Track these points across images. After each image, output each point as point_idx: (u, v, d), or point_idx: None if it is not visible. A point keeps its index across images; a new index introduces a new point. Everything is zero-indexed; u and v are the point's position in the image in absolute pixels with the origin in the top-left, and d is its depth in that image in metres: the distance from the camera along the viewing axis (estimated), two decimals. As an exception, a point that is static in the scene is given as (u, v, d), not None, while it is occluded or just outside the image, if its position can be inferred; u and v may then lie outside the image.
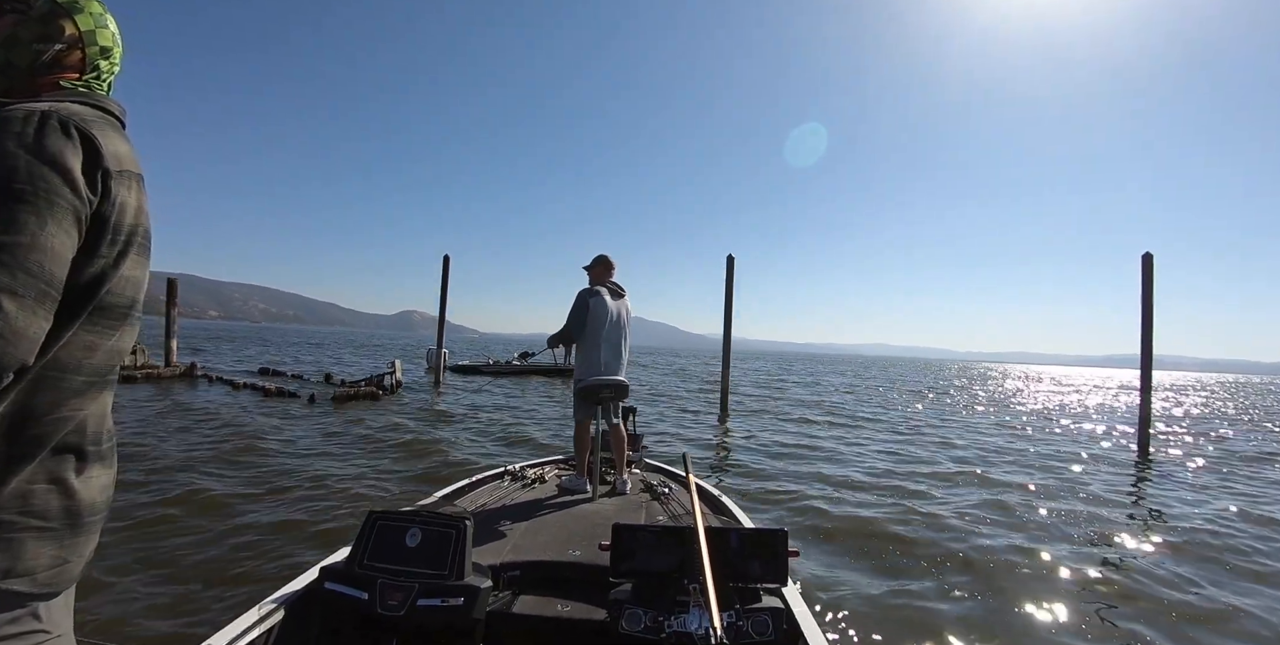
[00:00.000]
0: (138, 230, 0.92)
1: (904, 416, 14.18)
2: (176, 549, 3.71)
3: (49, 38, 0.93)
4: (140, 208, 0.92)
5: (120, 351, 0.94)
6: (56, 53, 0.94)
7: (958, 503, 5.72)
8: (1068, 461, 8.51)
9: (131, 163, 0.91)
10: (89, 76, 0.99)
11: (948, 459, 8.31)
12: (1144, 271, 10.55)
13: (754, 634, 1.74)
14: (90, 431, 0.90)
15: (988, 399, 22.11)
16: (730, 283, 13.36)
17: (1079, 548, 4.54)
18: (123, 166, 0.88)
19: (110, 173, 0.85)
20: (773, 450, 8.50)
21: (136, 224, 0.91)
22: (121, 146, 0.90)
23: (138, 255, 0.93)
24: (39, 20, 0.92)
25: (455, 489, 3.41)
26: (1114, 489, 6.80)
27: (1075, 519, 5.34)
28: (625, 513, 3.17)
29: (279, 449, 6.97)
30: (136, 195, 0.91)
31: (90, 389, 0.89)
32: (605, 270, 3.98)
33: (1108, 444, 10.84)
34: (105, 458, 0.94)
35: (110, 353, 0.91)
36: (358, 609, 1.82)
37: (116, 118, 0.96)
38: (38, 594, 0.84)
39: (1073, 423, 14.64)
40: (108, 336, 0.90)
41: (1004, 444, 10.11)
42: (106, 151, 0.85)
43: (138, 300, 0.95)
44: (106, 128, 0.89)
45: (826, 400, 18.03)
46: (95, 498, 0.91)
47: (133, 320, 0.95)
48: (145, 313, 1.00)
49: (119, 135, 0.91)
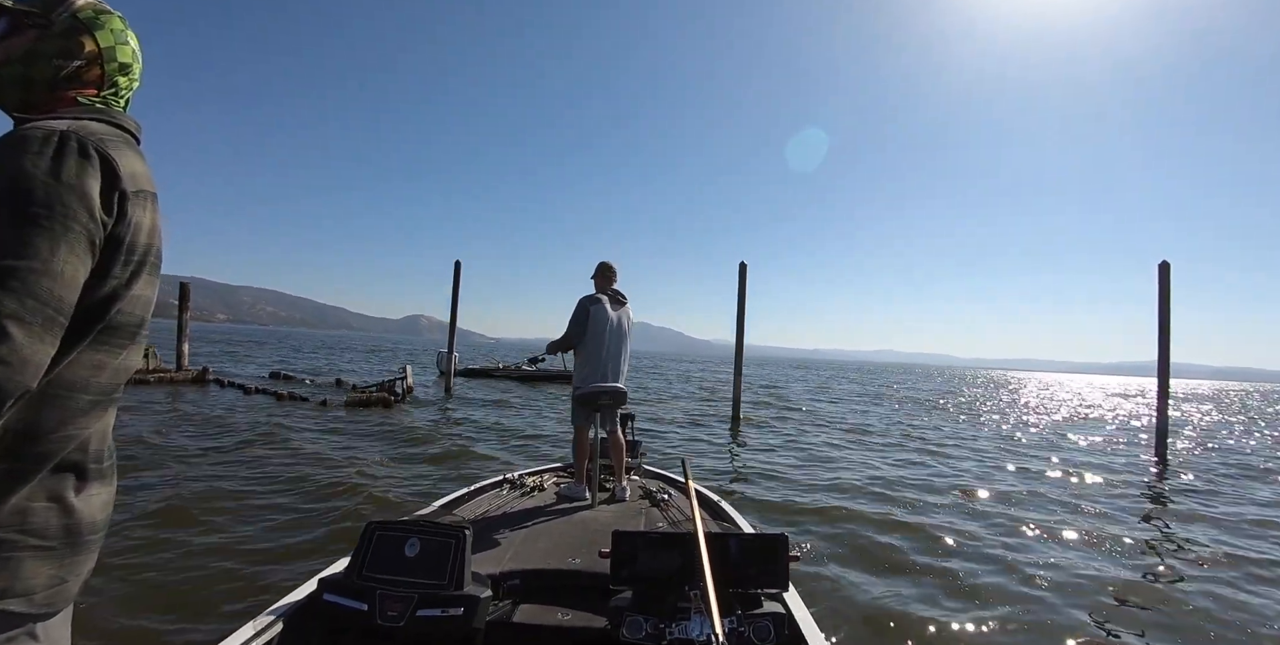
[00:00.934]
0: (150, 250, 0.92)
1: (934, 426, 14.05)
2: (178, 560, 3.66)
3: (69, 53, 0.94)
4: (154, 227, 0.93)
5: (127, 369, 0.94)
6: (75, 68, 0.95)
7: (980, 512, 5.63)
8: (1097, 470, 8.39)
9: (147, 182, 0.91)
10: (107, 92, 1.00)
11: (980, 468, 8.20)
12: (1160, 280, 10.52)
13: (756, 640, 1.73)
14: (92, 449, 0.90)
15: (1016, 407, 21.91)
16: (742, 290, 13.30)
17: (1102, 558, 4.44)
18: (139, 187, 0.88)
19: (127, 194, 0.85)
20: (789, 460, 8.42)
21: (150, 244, 0.92)
22: (138, 166, 0.90)
23: (149, 275, 0.93)
24: (60, 36, 0.93)
25: (454, 498, 3.39)
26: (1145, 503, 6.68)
27: (1099, 534, 5.23)
28: (624, 519, 3.16)
29: (297, 454, 6.95)
30: (151, 215, 0.91)
31: (95, 408, 0.89)
32: (604, 278, 4.05)
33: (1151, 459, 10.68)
34: (106, 475, 0.93)
35: (117, 371, 0.91)
36: (357, 620, 1.80)
37: (133, 135, 0.96)
38: (35, 614, 0.83)
39: (1116, 434, 14.45)
40: (115, 355, 0.90)
41: (1029, 453, 10.00)
42: (124, 172, 0.84)
43: (146, 319, 0.96)
44: (124, 147, 0.88)
45: (844, 408, 17.92)
46: (95, 516, 0.90)
47: (140, 338, 0.95)
48: (156, 316, 1.02)
49: (135, 154, 0.91)
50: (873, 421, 14.44)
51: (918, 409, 19.18)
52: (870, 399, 23.04)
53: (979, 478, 7.67)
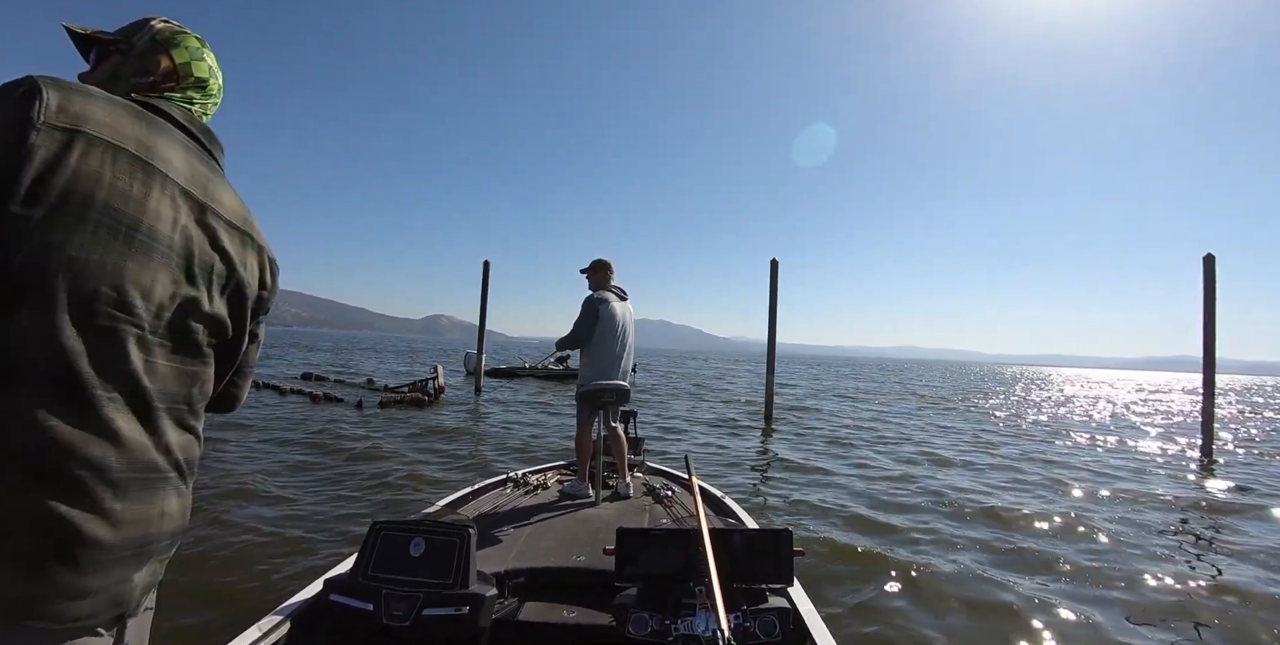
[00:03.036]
0: (90, 201, 0.81)
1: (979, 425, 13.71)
2: (216, 550, 3.63)
3: (146, 72, 0.98)
4: (112, 185, 0.81)
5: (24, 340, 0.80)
6: (150, 82, 0.98)
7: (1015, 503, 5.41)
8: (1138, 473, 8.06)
9: (135, 145, 0.83)
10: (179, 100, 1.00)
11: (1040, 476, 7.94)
12: (1206, 273, 10.49)
13: (761, 635, 1.74)
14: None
15: (1053, 405, 21.38)
16: (774, 287, 13.09)
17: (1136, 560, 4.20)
18: (87, 130, 0.77)
19: (33, 124, 0.73)
20: (821, 460, 8.24)
21: (90, 195, 0.80)
22: (128, 128, 0.83)
23: (82, 228, 0.79)
24: (139, 57, 0.98)
25: (458, 497, 3.41)
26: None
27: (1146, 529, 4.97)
28: (628, 516, 3.16)
29: (344, 454, 6.98)
30: (111, 169, 0.80)
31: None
32: (606, 275, 4.03)
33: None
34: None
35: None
36: (363, 620, 1.82)
37: (174, 121, 0.93)
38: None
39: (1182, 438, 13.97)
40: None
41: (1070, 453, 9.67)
42: (51, 105, 0.74)
43: (53, 270, 0.78)
44: (120, 110, 0.83)
45: (874, 409, 17.59)
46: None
47: (42, 297, 0.79)
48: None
49: (144, 126, 0.85)
50: (945, 441, 14.04)
51: (981, 418, 18.73)
52: (888, 391, 22.61)
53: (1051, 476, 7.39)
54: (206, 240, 0.91)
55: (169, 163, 0.87)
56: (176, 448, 0.87)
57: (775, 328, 13.15)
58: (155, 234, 0.84)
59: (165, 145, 0.88)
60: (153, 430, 0.83)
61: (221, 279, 0.94)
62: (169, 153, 0.88)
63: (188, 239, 0.88)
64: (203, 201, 0.92)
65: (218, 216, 0.94)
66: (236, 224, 0.98)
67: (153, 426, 0.83)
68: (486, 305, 15.52)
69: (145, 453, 0.82)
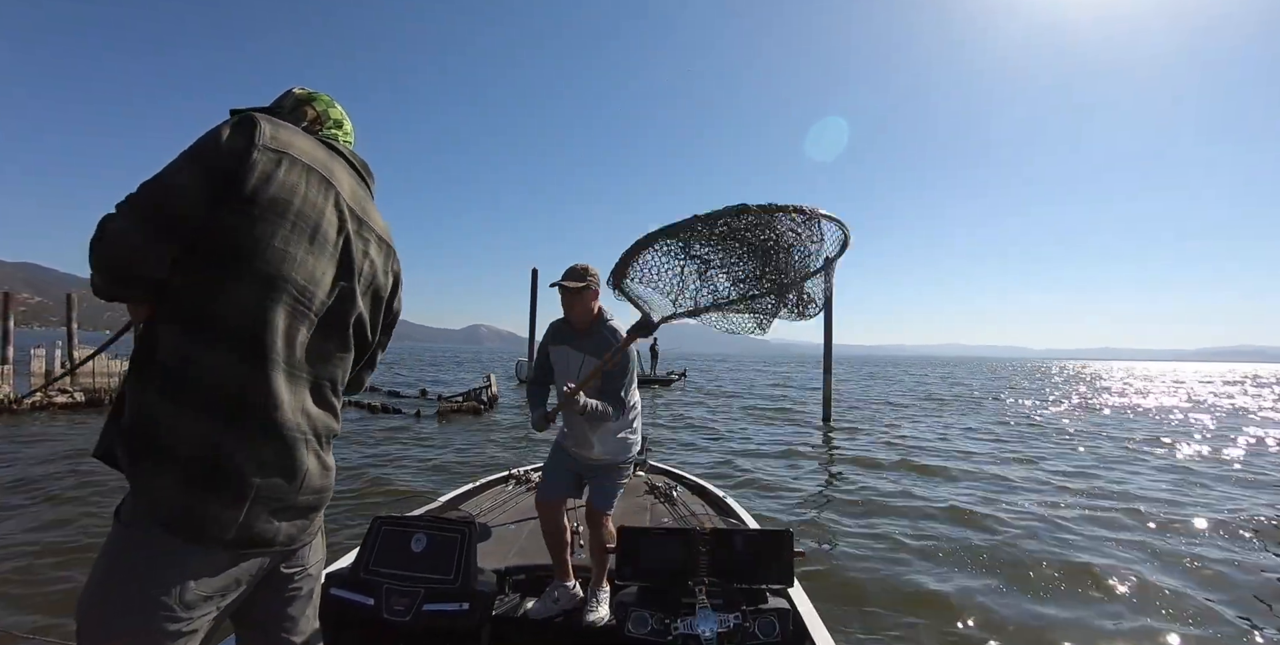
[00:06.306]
0: (289, 209, 1.04)
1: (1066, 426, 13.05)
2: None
3: (298, 119, 1.21)
4: (308, 197, 1.06)
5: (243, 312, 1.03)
6: (305, 128, 1.18)
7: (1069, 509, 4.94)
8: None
9: (320, 166, 1.08)
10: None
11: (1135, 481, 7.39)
12: None
13: (760, 635, 1.74)
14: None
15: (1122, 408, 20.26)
16: (829, 288, 12.71)
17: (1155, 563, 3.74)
18: (291, 153, 1.03)
19: (255, 146, 0.98)
20: (878, 456, 7.89)
21: (289, 204, 1.04)
22: (310, 149, 1.08)
23: (285, 229, 1.04)
24: (289, 111, 1.21)
25: (460, 493, 3.41)
26: None
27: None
28: (630, 515, 3.12)
29: (416, 466, 7.00)
30: (306, 186, 1.04)
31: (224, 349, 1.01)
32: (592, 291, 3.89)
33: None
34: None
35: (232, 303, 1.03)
36: (364, 615, 1.82)
37: (338, 153, 1.17)
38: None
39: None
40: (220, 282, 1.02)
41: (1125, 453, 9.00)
42: (267, 133, 1.00)
43: (257, 254, 1.02)
44: (301, 137, 1.08)
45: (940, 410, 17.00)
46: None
47: (261, 279, 1.02)
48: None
49: (319, 147, 1.11)
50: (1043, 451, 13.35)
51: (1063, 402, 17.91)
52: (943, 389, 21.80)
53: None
54: (360, 248, 1.13)
55: (341, 183, 1.12)
56: (315, 416, 1.06)
57: (831, 328, 12.81)
58: (329, 237, 1.07)
59: (339, 169, 1.13)
60: (299, 397, 1.02)
61: (367, 282, 1.15)
62: (341, 175, 1.13)
63: (348, 244, 1.10)
64: (361, 216, 1.15)
65: (370, 230, 1.16)
66: (385, 238, 1.21)
67: (300, 395, 1.03)
68: (536, 313, 15.59)
69: (295, 415, 1.01)
